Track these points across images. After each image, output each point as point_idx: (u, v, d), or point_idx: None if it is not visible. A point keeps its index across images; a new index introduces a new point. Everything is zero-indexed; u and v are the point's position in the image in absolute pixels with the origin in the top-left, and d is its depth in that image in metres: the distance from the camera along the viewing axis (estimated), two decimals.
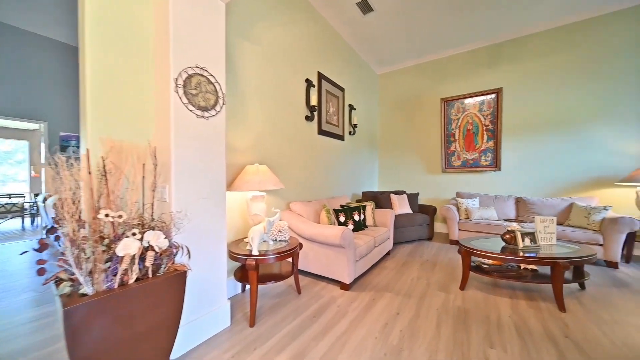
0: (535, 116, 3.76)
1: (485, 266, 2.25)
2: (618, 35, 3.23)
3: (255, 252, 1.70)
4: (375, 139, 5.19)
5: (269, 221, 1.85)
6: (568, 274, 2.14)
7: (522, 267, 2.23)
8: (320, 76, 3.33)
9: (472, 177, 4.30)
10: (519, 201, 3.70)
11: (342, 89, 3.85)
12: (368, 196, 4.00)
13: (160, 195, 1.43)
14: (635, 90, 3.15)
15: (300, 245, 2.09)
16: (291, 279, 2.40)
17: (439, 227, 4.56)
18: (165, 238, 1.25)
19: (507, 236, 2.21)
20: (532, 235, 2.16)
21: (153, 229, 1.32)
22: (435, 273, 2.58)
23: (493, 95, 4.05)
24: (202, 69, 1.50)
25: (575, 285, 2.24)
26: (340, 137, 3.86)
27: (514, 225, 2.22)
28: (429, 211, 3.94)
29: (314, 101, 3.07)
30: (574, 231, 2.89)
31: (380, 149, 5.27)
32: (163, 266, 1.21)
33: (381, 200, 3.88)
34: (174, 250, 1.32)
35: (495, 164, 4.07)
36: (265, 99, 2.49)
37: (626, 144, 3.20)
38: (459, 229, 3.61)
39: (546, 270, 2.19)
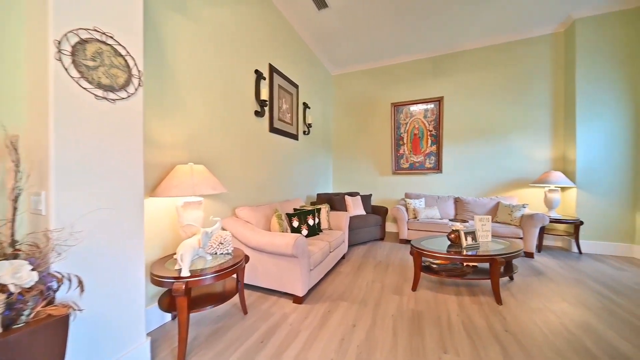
0: (469, 124, 4.18)
1: (434, 266, 2.32)
2: (531, 58, 3.79)
3: (185, 273, 1.37)
4: (330, 140, 5.13)
5: (205, 232, 1.53)
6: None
7: (464, 265, 2.37)
8: (272, 69, 3.06)
9: (418, 179, 4.57)
10: (457, 201, 4.05)
11: (296, 86, 3.65)
12: (323, 198, 3.88)
13: (33, 206, 1.00)
14: (544, 106, 3.74)
15: (247, 258, 1.81)
16: (236, 297, 2.09)
17: (389, 226, 4.73)
18: (33, 269, 0.86)
19: (453, 235, 2.32)
20: (473, 234, 2.31)
21: (15, 257, 0.91)
22: (388, 275, 2.58)
23: (436, 103, 4.38)
24: (104, 34, 1.11)
25: (506, 277, 2.48)
26: (294, 136, 3.66)
27: (458, 225, 2.34)
28: (380, 212, 4.03)
29: (264, 95, 2.79)
30: (501, 227, 3.26)
31: (335, 150, 5.24)
32: (27, 312, 0.82)
33: (336, 202, 3.81)
34: (53, 285, 0.92)
35: (438, 167, 4.40)
36: (205, 86, 2.13)
37: (538, 151, 3.79)
38: (408, 229, 3.76)
39: (485, 265, 2.37)
